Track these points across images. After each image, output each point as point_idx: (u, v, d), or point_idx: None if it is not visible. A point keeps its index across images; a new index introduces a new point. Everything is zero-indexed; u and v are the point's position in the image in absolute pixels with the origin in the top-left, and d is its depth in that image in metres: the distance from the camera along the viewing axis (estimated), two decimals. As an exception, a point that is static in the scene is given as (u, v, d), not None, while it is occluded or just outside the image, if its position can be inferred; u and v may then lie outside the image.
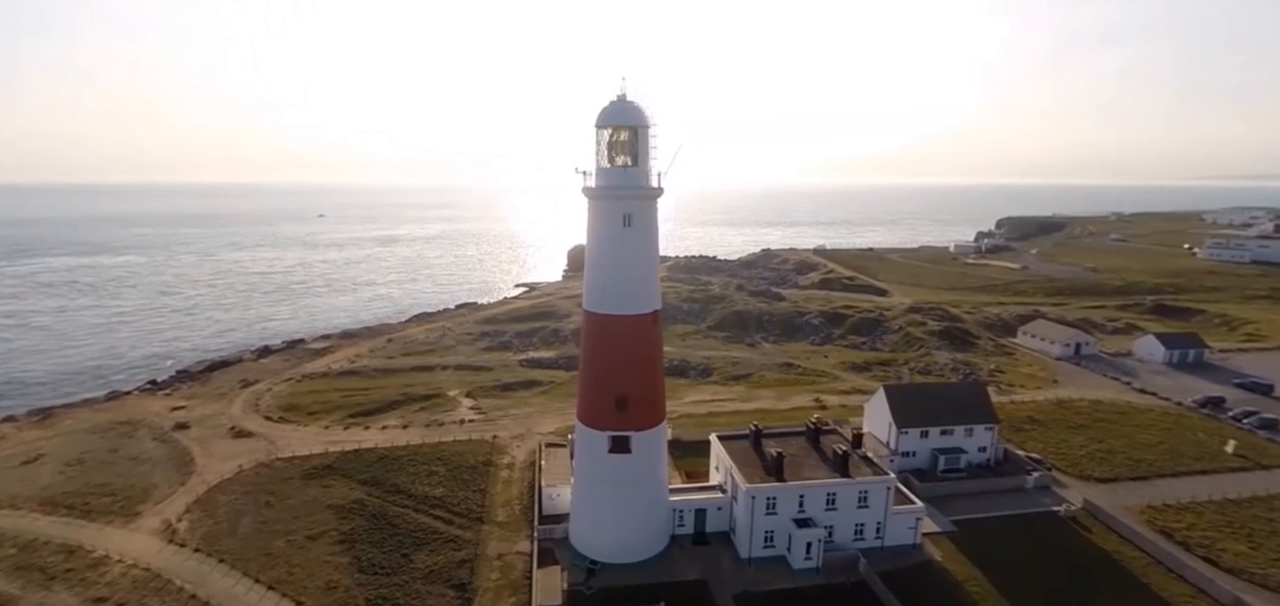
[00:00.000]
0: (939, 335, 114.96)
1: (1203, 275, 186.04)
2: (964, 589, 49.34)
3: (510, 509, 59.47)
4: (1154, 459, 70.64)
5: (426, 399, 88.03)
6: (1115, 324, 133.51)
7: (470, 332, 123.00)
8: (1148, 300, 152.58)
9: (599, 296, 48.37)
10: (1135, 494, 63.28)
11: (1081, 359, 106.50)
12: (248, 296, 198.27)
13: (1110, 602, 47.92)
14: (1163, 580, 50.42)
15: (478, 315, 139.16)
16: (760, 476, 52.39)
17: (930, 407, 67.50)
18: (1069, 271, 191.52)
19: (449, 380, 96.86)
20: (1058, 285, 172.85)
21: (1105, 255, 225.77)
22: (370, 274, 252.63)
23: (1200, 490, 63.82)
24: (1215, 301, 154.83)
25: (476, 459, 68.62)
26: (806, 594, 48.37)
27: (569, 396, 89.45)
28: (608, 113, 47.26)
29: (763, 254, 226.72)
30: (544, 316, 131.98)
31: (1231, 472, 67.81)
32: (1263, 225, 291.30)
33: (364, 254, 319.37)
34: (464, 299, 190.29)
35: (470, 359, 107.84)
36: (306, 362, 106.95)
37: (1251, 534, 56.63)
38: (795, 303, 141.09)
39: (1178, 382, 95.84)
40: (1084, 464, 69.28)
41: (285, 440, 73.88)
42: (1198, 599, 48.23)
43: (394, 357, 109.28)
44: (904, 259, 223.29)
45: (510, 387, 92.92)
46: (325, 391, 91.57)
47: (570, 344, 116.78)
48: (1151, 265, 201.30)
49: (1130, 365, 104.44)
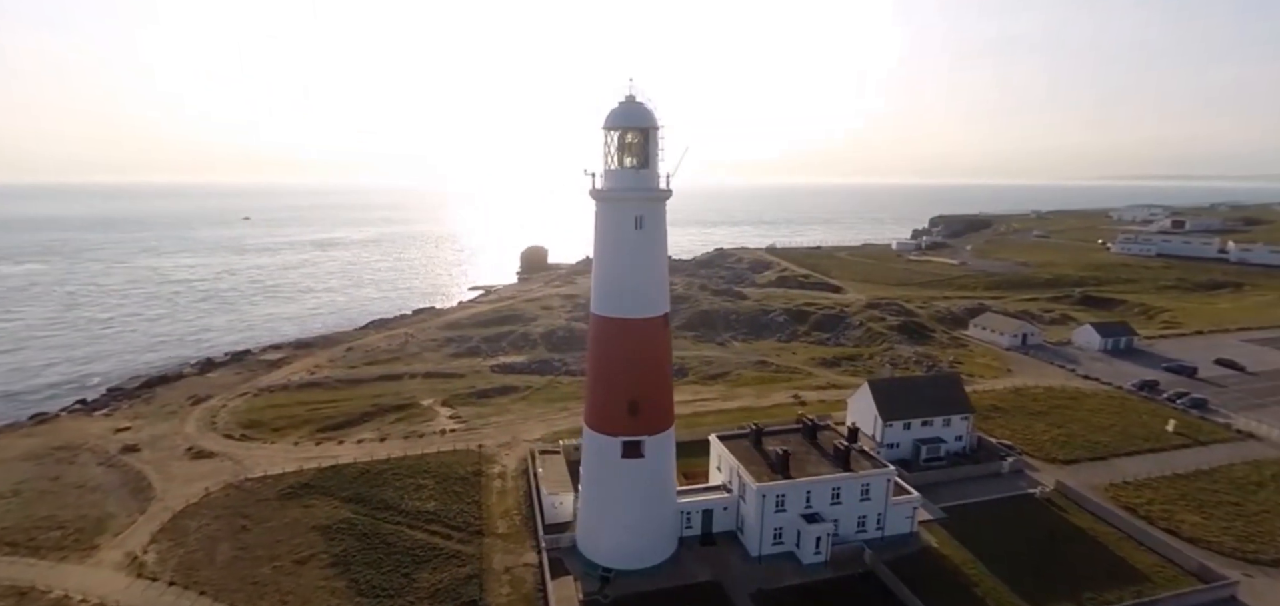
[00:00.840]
0: (898, 329, 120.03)
1: (1118, 268, 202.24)
2: (962, 572, 51.59)
3: (510, 519, 57.84)
4: (1108, 440, 76.09)
5: (400, 409, 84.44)
6: (1051, 314, 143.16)
7: (434, 339, 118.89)
8: (1076, 292, 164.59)
9: (610, 300, 47.68)
10: (1097, 473, 67.94)
11: (1028, 348, 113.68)
12: (173, 306, 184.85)
13: (1093, 576, 51.14)
14: (1134, 552, 54.34)
15: (439, 321, 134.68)
16: (768, 474, 53.04)
17: (912, 400, 70.29)
18: (1003, 266, 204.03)
19: (420, 389, 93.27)
20: (995, 279, 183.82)
21: (1032, 250, 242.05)
22: (308, 280, 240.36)
23: (1152, 467, 69.18)
24: (1133, 292, 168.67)
25: (465, 469, 66.40)
26: (819, 588, 49.34)
27: (549, 402, 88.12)
28: (618, 114, 46.66)
29: (717, 253, 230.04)
30: (509, 320, 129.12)
31: (1175, 450, 73.88)
32: (1161, 221, 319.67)
33: (299, 258, 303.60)
34: (415, 304, 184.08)
35: (439, 366, 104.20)
36: (262, 375, 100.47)
37: (1202, 505, 61.87)
38: (759, 301, 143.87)
39: (1115, 368, 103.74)
40: (1048, 447, 73.82)
41: (253, 459, 69.16)
42: (1167, 567, 52.24)
43: (357, 367, 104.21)
44: (852, 256, 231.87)
45: (486, 394, 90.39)
46: (288, 405, 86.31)
47: (541, 348, 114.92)
48: (1074, 259, 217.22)
49: (1072, 353, 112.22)
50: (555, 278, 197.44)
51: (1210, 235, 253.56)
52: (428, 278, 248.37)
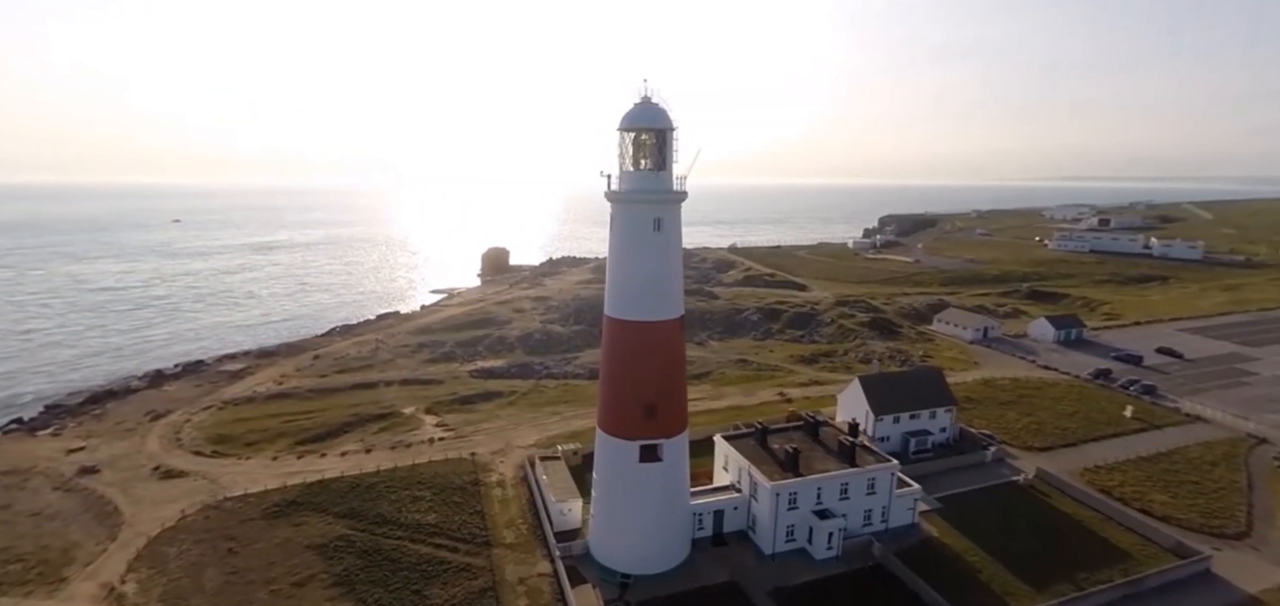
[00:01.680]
0: (868, 325, 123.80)
1: (1057, 263, 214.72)
2: (964, 559, 53.54)
3: (516, 529, 56.52)
4: (1075, 426, 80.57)
5: (381, 419, 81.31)
6: (1003, 309, 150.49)
7: (407, 344, 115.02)
8: (1023, 287, 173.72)
9: (628, 303, 47.20)
10: (1070, 459, 71.80)
11: (990, 341, 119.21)
12: (102, 316, 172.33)
13: (1083, 558, 53.99)
14: (1115, 532, 57.68)
15: (409, 325, 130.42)
16: (779, 473, 53.68)
17: (900, 394, 72.56)
18: (954, 263, 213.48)
19: (399, 397, 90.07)
20: (948, 275, 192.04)
21: (978, 248, 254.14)
22: (251, 285, 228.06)
23: (1117, 451, 73.64)
24: (1073, 286, 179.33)
25: (461, 479, 64.51)
26: (834, 583, 50.27)
27: (536, 407, 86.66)
28: (634, 116, 46.27)
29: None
30: (483, 324, 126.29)
31: (1135, 434, 78.85)
32: (1089, 220, 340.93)
33: (237, 263, 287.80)
34: (374, 308, 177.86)
35: (415, 372, 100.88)
36: (224, 387, 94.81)
37: (1167, 484, 66.28)
38: (731, 300, 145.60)
39: (1069, 358, 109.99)
40: (1023, 436, 77.59)
41: (229, 477, 65.20)
42: (1146, 546, 55.66)
43: (327, 376, 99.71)
44: (812, 255, 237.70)
45: (470, 401, 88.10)
46: (258, 419, 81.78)
47: (518, 351, 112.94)
48: (1016, 256, 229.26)
49: (1029, 345, 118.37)
50: (520, 280, 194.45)
51: (1135, 232, 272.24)
52: (383, 281, 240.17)
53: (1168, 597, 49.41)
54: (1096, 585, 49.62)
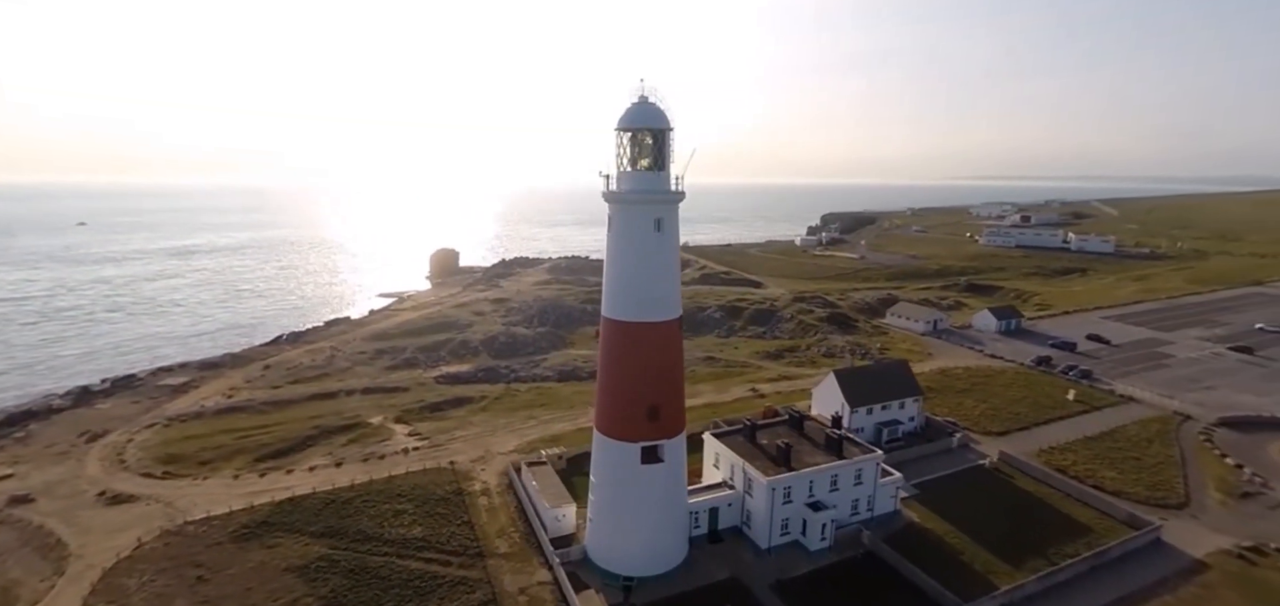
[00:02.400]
0: (827, 320, 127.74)
1: (988, 258, 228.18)
2: (945, 542, 56.10)
3: (508, 538, 55.17)
4: (1026, 411, 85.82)
5: (347, 430, 77.52)
6: (946, 301, 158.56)
7: (363, 351, 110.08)
8: (962, 281, 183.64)
9: (629, 304, 46.86)
10: (1026, 442, 76.42)
11: (939, 333, 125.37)
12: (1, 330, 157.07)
13: (1048, 531, 57.45)
14: (1075, 508, 61.80)
15: (364, 332, 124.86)
16: (773, 468, 54.60)
17: (872, 387, 75.26)
18: (896, 259, 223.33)
19: (363, 406, 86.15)
20: (892, 271, 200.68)
21: (916, 244, 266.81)
22: (174, 294, 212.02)
23: (1066, 432, 78.95)
24: (1005, 279, 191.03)
25: (443, 489, 62.41)
26: (829, 572, 51.60)
27: (510, 412, 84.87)
28: (633, 115, 46.00)
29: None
30: (444, 328, 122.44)
31: (1079, 416, 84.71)
32: (1012, 217, 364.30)
33: (155, 269, 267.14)
34: (318, 314, 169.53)
35: (377, 380, 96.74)
36: (166, 403, 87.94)
37: (1113, 461, 71.55)
38: (692, 298, 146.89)
39: (1012, 347, 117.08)
40: (981, 421, 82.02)
41: (186, 499, 60.64)
42: (1104, 519, 59.85)
43: (281, 387, 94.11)
44: (763, 253, 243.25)
45: (439, 408, 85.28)
46: (211, 435, 76.36)
47: (484, 355, 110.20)
48: (952, 251, 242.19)
49: (974, 335, 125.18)
50: (475, 282, 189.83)
51: (1054, 228, 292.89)
52: (323, 286, 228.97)
53: (1127, 566, 53.34)
54: (1066, 559, 52.98)
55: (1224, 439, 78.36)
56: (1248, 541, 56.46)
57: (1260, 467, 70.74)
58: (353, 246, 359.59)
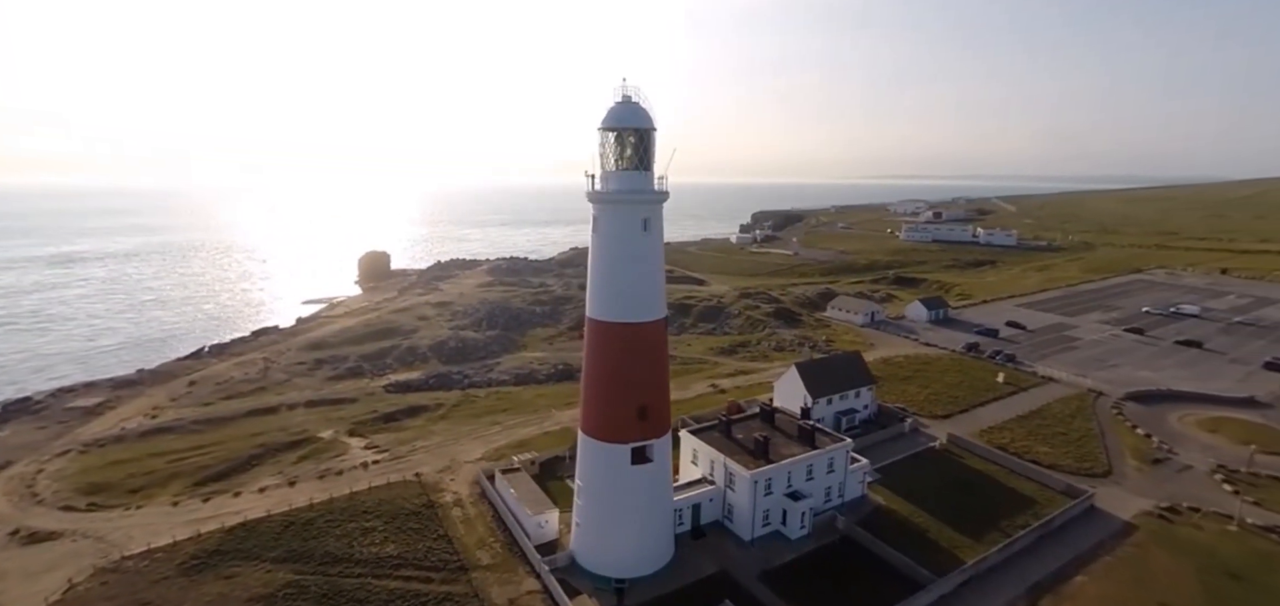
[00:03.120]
0: (773, 315, 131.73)
1: (910, 252, 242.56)
2: (912, 522, 59.22)
3: (490, 548, 53.52)
4: (963, 394, 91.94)
5: (296, 446, 72.67)
6: (878, 294, 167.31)
7: (301, 362, 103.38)
8: (890, 274, 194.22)
9: (618, 305, 46.53)
10: (968, 423, 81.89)
11: (877, 324, 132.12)
12: None
13: (999, 505, 61.79)
14: (1019, 482, 66.78)
15: (298, 341, 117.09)
16: (753, 461, 55.83)
17: (831, 378, 78.38)
18: (827, 255, 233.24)
19: (310, 420, 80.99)
20: (825, 266, 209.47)
21: (844, 240, 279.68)
22: (60, 307, 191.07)
23: (1001, 413, 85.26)
24: (927, 271, 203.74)
25: (412, 503, 59.76)
26: (811, 559, 53.28)
27: (472, 418, 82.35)
28: (617, 115, 45.77)
29: (576, 252, 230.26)
30: (386, 335, 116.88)
31: (1009, 397, 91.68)
32: (926, 214, 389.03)
33: (32, 280, 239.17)
34: (237, 324, 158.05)
35: (321, 392, 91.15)
36: (78, 427, 79.09)
37: (1044, 437, 77.91)
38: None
39: (943, 335, 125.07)
40: (926, 406, 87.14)
41: (120, 532, 54.98)
42: (1044, 490, 64.97)
43: (213, 403, 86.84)
44: (701, 250, 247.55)
45: (394, 418, 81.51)
46: (138, 459, 69.46)
47: (433, 361, 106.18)
48: (877, 246, 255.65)
49: (908, 325, 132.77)
50: (411, 285, 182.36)
51: (963, 223, 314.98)
52: (239, 294, 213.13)
53: (1069, 532, 58.25)
54: (1018, 530, 57.20)
55: (1133, 412, 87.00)
56: (1165, 502, 63.01)
57: (1165, 436, 79.12)
58: (264, 250, 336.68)
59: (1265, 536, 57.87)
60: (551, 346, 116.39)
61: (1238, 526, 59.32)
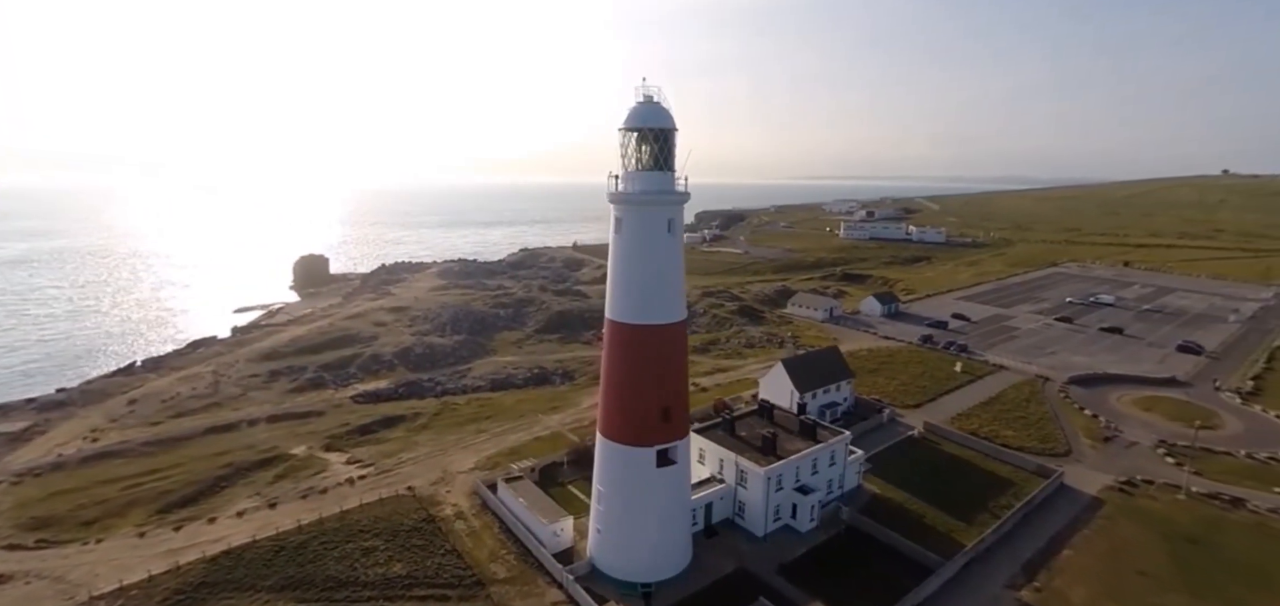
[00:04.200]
0: (738, 314, 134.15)
1: (852, 249, 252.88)
2: (907, 509, 61.80)
3: (503, 561, 51.81)
4: (928, 384, 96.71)
5: (268, 465, 67.77)
6: (830, 290, 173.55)
7: (255, 374, 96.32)
8: (838, 270, 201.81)
9: (643, 306, 46.09)
10: (938, 411, 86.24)
11: (836, 319, 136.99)
12: None
13: (982, 487, 65.42)
14: (994, 465, 70.95)
15: (246, 352, 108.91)
16: (763, 458, 56.68)
17: (815, 373, 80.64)
18: (776, 252, 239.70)
19: (277, 436, 75.68)
20: (776, 264, 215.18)
21: (789, 238, 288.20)
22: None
23: (965, 400, 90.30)
24: (871, 267, 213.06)
25: (410, 518, 57.03)
26: (822, 550, 54.64)
27: (456, 426, 79.51)
28: (640, 115, 45.34)
29: (526, 254, 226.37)
30: (345, 343, 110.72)
31: (969, 385, 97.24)
32: (859, 213, 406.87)
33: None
34: (161, 336, 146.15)
35: (283, 406, 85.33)
36: (6, 455, 70.42)
37: (1008, 421, 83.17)
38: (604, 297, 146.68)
39: (898, 328, 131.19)
40: (897, 396, 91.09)
41: (81, 569, 49.59)
42: (1019, 472, 69.29)
43: (162, 423, 79.52)
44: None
45: (370, 430, 77.49)
46: (85, 487, 62.75)
47: (401, 369, 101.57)
48: (821, 244, 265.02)
49: (865, 320, 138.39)
50: (358, 291, 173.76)
51: (896, 221, 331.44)
52: (158, 302, 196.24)
53: (1046, 509, 62.37)
54: (1004, 511, 60.88)
55: (1077, 395, 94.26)
56: (1122, 476, 68.63)
57: (1109, 415, 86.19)
58: (180, 256, 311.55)
59: (1210, 503, 64.11)
60: (521, 350, 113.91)
61: (1186, 495, 65.44)
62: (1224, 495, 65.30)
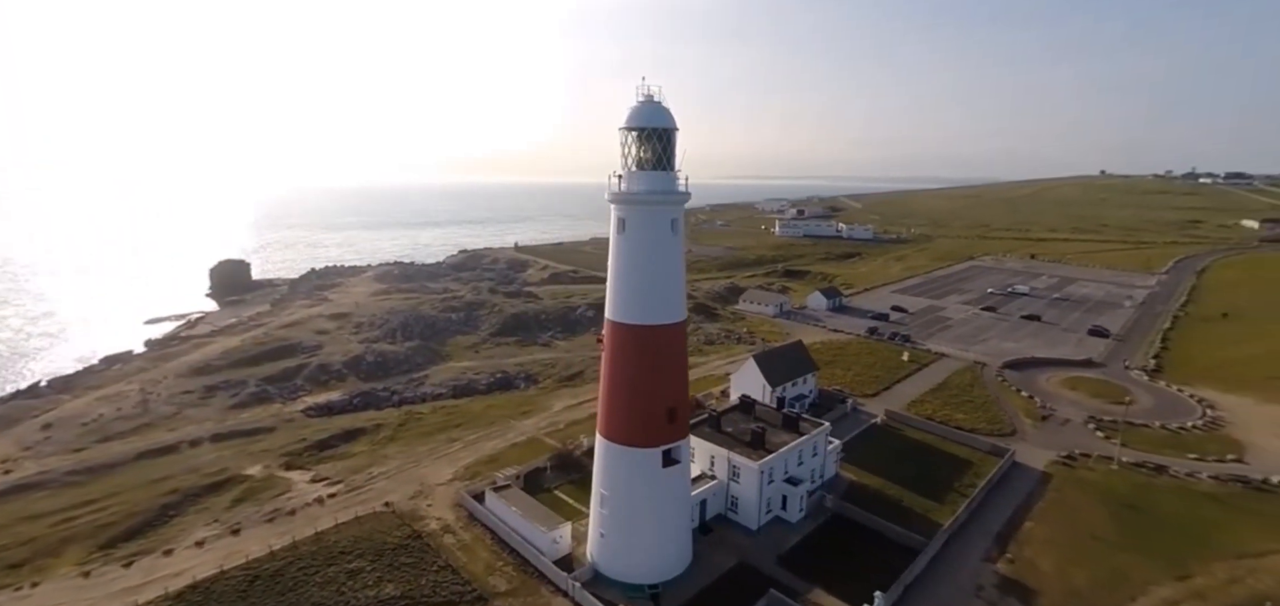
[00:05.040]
0: (693, 311, 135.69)
1: (788, 246, 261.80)
2: (884, 493, 64.61)
3: (502, 573, 50.22)
4: (881, 374, 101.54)
5: (220, 489, 62.46)
6: (775, 286, 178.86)
7: (188, 390, 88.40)
8: (779, 266, 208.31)
9: (649, 308, 45.94)
10: (893, 399, 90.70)
11: (786, 314, 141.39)
12: None
13: (946, 469, 69.27)
14: (953, 447, 75.43)
15: (173, 366, 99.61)
16: (754, 453, 57.75)
17: (783, 367, 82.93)
18: (718, 251, 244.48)
19: (227, 456, 69.88)
20: (721, 262, 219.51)
21: (728, 237, 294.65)
22: None
23: (915, 387, 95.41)
24: (808, 263, 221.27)
25: (394, 536, 54.26)
26: (814, 538, 56.29)
27: (423, 436, 76.34)
28: (642, 114, 45.20)
29: (467, 255, 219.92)
30: (285, 353, 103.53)
31: (918, 373, 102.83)
32: (790, 211, 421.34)
33: None
34: (56, 352, 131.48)
35: (226, 423, 78.85)
36: (-103, 497, 61.10)
37: (957, 405, 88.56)
38: (560, 298, 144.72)
39: (844, 321, 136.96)
40: (855, 386, 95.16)
41: (21, 620, 43.99)
42: (975, 453, 74.05)
43: (87, 449, 71.50)
44: (596, 249, 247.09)
45: (330, 444, 73.07)
46: (6, 525, 55.57)
47: (351, 379, 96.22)
48: (759, 242, 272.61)
49: (812, 314, 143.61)
50: (290, 298, 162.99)
51: (825, 219, 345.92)
52: (49, 313, 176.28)
53: (1005, 486, 66.85)
54: (970, 489, 64.86)
55: (1012, 378, 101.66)
56: (1063, 452, 74.60)
57: (1043, 396, 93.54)
58: (70, 264, 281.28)
59: (1138, 471, 70.83)
60: (479, 355, 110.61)
61: (1118, 465, 72.08)
62: (1149, 463, 72.31)
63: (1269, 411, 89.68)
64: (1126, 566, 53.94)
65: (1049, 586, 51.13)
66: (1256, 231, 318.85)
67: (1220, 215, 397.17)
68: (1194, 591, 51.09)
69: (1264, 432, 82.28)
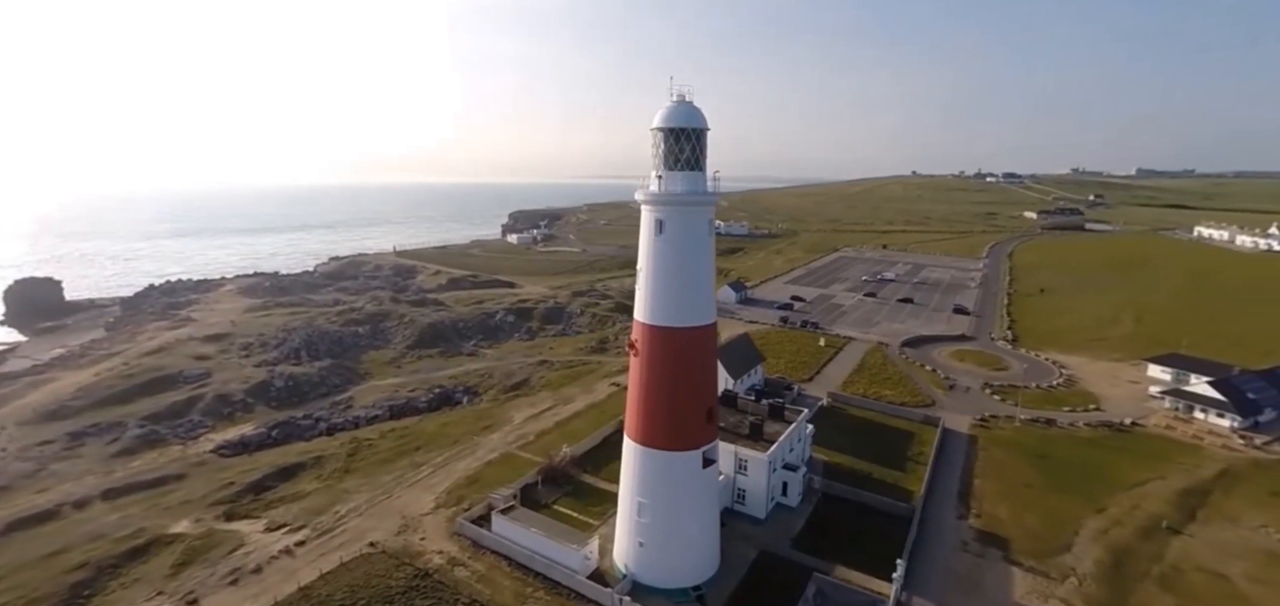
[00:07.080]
0: (615, 311, 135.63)
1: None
2: (856, 468, 69.61)
3: (534, 599, 47.17)
4: (807, 359, 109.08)
5: (145, 553, 51.49)
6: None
7: (46, 442, 70.91)
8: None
9: (688, 309, 45.64)
10: (826, 382, 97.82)
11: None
12: None
13: (895, 441, 76.55)
14: (894, 420, 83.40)
15: (11, 414, 78.92)
16: (759, 445, 59.60)
17: (740, 359, 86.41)
18: (612, 249, 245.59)
19: (133, 515, 57.46)
20: (615, 260, 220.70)
21: (614, 235, 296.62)
22: None
23: (840, 370, 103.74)
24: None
25: (397, 579, 48.78)
26: (816, 519, 59.45)
27: (383, 464, 69.14)
28: (675, 115, 44.94)
29: (342, 263, 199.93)
30: (163, 386, 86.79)
31: (836, 356, 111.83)
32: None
33: None
34: None
35: (115, 476, 64.73)
36: None
37: (882, 383, 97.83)
38: (477, 304, 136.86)
39: (755, 313, 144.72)
40: (791, 373, 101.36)
41: None
42: (911, 422, 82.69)
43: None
44: (484, 253, 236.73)
45: (265, 486, 63.25)
46: None
47: (263, 408, 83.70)
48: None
49: (723, 305, 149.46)
50: (131, 320, 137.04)
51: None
52: None
53: (946, 450, 75.15)
54: (923, 456, 72.25)
55: (913, 355, 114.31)
56: (977, 415, 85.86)
57: (944, 369, 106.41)
58: None
59: (1035, 426, 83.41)
60: (402, 370, 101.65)
61: (1019, 423, 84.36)
62: (1040, 419, 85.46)
63: (1101, 367, 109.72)
64: (1058, 507, 63.40)
65: (1013, 533, 58.68)
66: (1036, 221, 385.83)
67: (1008, 208, 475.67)
68: (1113, 519, 61.43)
69: (1104, 384, 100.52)
